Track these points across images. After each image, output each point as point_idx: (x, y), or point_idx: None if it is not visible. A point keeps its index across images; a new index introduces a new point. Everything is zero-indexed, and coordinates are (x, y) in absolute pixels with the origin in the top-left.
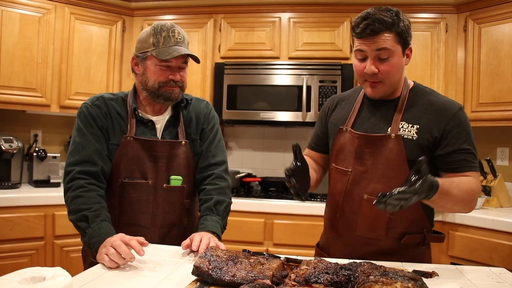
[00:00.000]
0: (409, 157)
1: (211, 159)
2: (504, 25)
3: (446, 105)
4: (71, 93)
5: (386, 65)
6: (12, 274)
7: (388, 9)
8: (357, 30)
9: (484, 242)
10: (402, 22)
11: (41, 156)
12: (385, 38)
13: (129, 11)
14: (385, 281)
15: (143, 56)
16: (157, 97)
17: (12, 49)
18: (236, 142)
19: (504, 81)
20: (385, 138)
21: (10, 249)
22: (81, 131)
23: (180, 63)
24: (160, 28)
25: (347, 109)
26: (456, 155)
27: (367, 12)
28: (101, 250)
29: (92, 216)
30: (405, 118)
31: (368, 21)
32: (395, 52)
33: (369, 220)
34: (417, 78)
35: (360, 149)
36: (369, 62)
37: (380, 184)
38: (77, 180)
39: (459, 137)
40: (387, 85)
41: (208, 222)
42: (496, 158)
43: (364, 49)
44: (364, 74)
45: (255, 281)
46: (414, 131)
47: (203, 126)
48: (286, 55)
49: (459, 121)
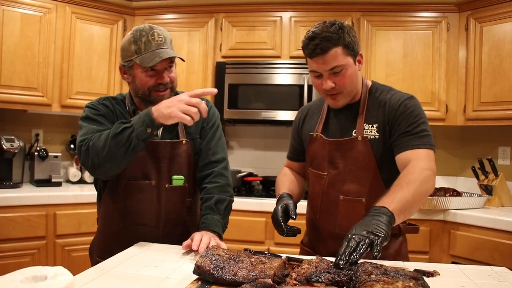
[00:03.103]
0: (376, 156)
1: (211, 157)
2: (506, 24)
3: (395, 98)
4: (72, 93)
5: (341, 78)
6: (14, 273)
7: (332, 22)
8: (307, 51)
9: (486, 242)
10: (347, 33)
11: (43, 155)
12: (335, 53)
13: (130, 10)
14: (387, 280)
15: (128, 64)
16: (149, 103)
17: (13, 49)
18: (237, 142)
19: (506, 80)
20: (353, 141)
21: (12, 248)
22: (89, 118)
23: (165, 65)
24: (139, 33)
25: (316, 117)
26: (401, 137)
27: (313, 32)
28: (167, 110)
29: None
30: (366, 120)
31: (316, 41)
32: (347, 65)
33: (346, 218)
34: (418, 77)
35: (332, 153)
36: (324, 79)
37: (353, 184)
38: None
39: (404, 122)
40: (346, 95)
41: (209, 221)
42: (497, 157)
43: (317, 69)
44: (323, 90)
45: (257, 280)
46: (375, 130)
47: (202, 125)
48: (287, 54)
49: (404, 108)
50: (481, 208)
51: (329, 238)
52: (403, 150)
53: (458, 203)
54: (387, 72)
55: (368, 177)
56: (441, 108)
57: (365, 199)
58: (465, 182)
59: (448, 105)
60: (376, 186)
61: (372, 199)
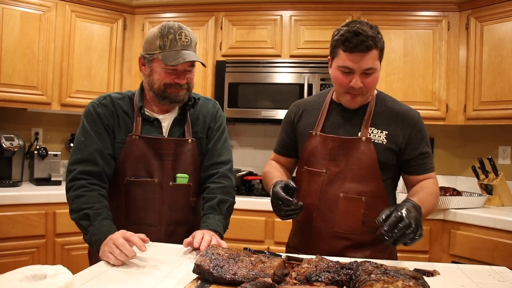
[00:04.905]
0: (379, 159)
1: (216, 158)
2: (506, 23)
3: (408, 113)
4: (72, 91)
5: (370, 80)
6: (13, 272)
7: (370, 25)
8: (349, 45)
9: (486, 241)
10: (382, 38)
11: (42, 154)
12: (374, 55)
13: (130, 9)
14: (386, 279)
15: (149, 58)
16: (162, 99)
17: (13, 47)
18: (237, 140)
19: (506, 80)
20: (357, 141)
21: (11, 247)
22: (85, 129)
23: (186, 67)
24: (167, 30)
25: (314, 114)
26: (419, 159)
27: (357, 27)
28: (103, 248)
29: (93, 215)
30: (374, 124)
31: (362, 38)
32: (378, 69)
33: (345, 217)
34: (418, 76)
35: (334, 151)
36: (356, 78)
37: (354, 183)
38: (79, 181)
39: (421, 142)
40: (366, 97)
41: (211, 221)
42: (497, 157)
43: (351, 66)
44: (349, 87)
45: (256, 280)
46: (384, 137)
47: (210, 125)
48: (287, 53)
49: (420, 128)
50: (481, 208)
51: (326, 237)
52: (422, 172)
53: (458, 203)
54: (387, 71)
55: (369, 177)
56: (442, 108)
57: (365, 198)
58: (465, 181)
59: (448, 105)
60: (377, 187)
61: (372, 199)
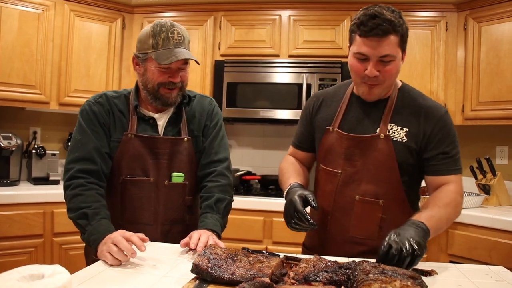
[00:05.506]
0: (398, 159)
1: (213, 156)
2: (504, 24)
3: (432, 109)
4: (70, 91)
5: (388, 68)
6: (11, 272)
7: (392, 9)
8: (364, 29)
9: (483, 241)
10: (405, 24)
11: (40, 153)
12: (391, 41)
13: (129, 8)
14: (384, 279)
15: (143, 57)
16: (155, 100)
17: (11, 46)
18: (236, 140)
19: (503, 80)
20: (375, 139)
21: (9, 246)
22: (81, 128)
23: (180, 65)
24: (160, 29)
25: (333, 107)
26: (440, 158)
27: (375, 10)
28: (101, 247)
29: (91, 214)
30: (394, 120)
31: (378, 21)
32: (397, 57)
33: (361, 221)
34: (417, 76)
35: (350, 150)
36: (371, 65)
37: (371, 185)
38: (77, 179)
39: (444, 140)
40: (384, 87)
41: (208, 220)
42: (495, 157)
43: (366, 53)
44: (364, 75)
45: (254, 279)
46: (404, 134)
47: (206, 123)
48: (286, 53)
49: (444, 125)
50: (479, 208)
51: (340, 242)
52: (440, 174)
53: None
54: None
55: (387, 178)
56: None
57: (382, 201)
58: (463, 181)
59: (446, 105)
60: (395, 189)
61: (390, 202)
